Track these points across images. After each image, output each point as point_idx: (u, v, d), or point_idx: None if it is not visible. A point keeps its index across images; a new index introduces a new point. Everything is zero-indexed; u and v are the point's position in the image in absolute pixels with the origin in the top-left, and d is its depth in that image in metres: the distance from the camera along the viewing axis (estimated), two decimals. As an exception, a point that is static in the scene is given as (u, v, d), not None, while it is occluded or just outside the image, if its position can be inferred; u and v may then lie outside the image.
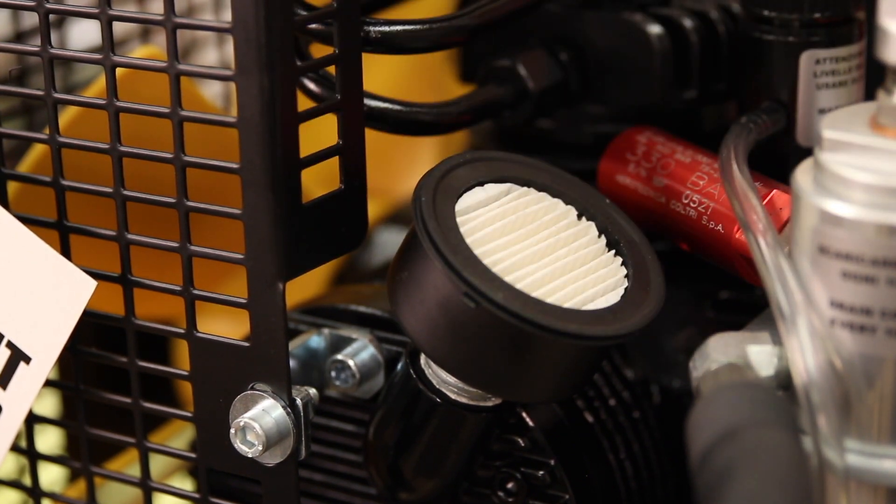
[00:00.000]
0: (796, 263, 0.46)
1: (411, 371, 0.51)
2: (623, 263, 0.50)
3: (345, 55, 0.50)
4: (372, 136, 0.53)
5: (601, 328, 0.48)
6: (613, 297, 0.49)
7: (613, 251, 0.51)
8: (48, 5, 0.51)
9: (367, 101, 0.53)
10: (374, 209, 0.58)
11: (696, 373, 0.47)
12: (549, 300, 0.47)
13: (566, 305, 0.48)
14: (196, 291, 0.51)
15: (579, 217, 0.51)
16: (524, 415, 0.53)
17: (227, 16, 0.47)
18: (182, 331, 0.52)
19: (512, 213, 0.50)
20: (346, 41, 0.50)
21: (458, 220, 0.49)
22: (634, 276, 0.50)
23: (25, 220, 0.53)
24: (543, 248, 0.49)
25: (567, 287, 0.48)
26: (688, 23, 0.58)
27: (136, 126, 0.52)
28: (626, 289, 0.49)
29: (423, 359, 0.51)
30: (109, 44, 0.51)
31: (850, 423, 0.45)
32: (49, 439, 0.74)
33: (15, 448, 0.58)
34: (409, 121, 0.55)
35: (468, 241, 0.48)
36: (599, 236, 0.51)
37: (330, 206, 0.50)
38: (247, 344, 0.50)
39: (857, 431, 0.45)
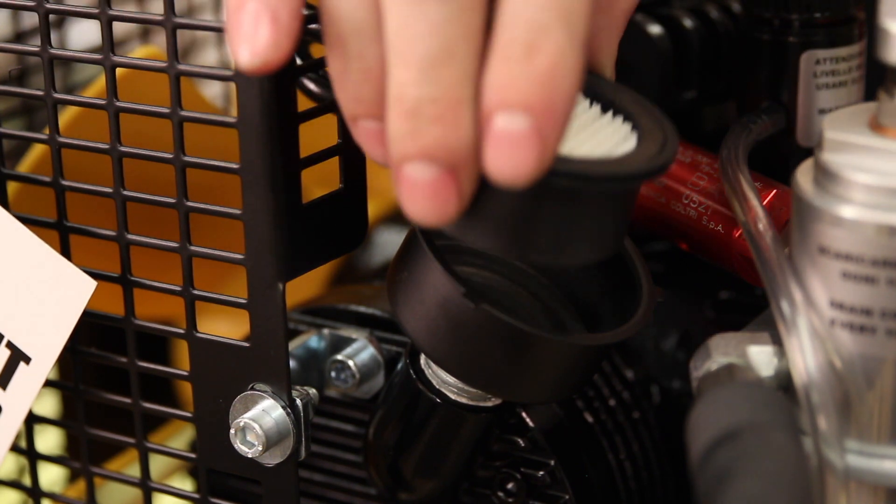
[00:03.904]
0: (796, 264, 0.46)
1: (411, 371, 0.51)
2: (624, 119, 0.47)
3: (345, 55, 0.50)
4: (372, 136, 0.53)
5: (635, 166, 0.46)
6: (630, 145, 0.46)
7: (610, 112, 0.48)
8: (48, 5, 0.51)
9: (367, 101, 0.53)
10: (374, 209, 0.58)
11: (696, 373, 0.47)
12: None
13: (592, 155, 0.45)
14: (196, 291, 0.51)
15: None
16: (524, 415, 0.53)
17: (227, 16, 0.47)
18: (182, 331, 0.52)
19: None
20: (346, 41, 0.50)
21: None
22: (640, 125, 0.47)
23: (25, 221, 0.53)
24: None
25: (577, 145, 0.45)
26: (688, 23, 0.58)
27: (137, 126, 0.52)
28: (638, 135, 0.46)
29: (422, 359, 0.51)
30: (109, 44, 0.51)
31: (850, 423, 0.45)
32: (49, 439, 0.74)
33: (15, 448, 0.58)
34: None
35: None
36: (591, 104, 0.48)
37: (330, 206, 0.50)
38: (247, 344, 0.50)
39: (857, 432, 0.45)
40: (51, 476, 0.75)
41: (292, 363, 0.53)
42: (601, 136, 0.46)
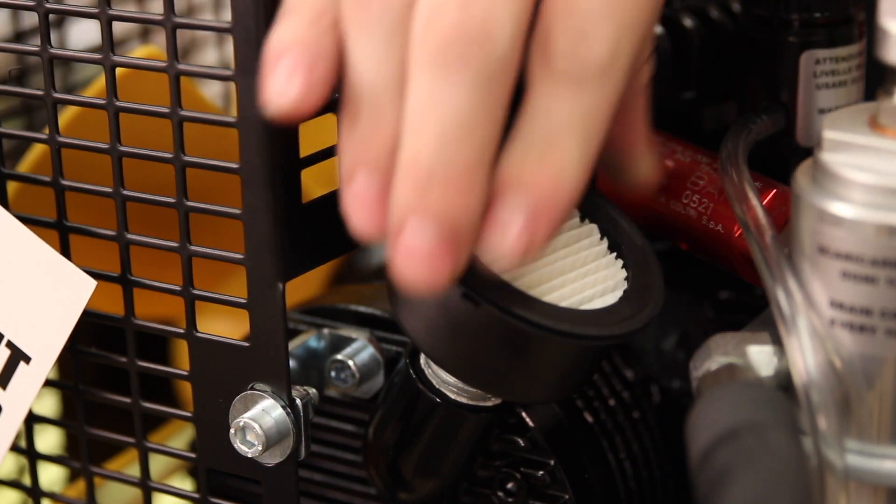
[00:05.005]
0: (796, 263, 0.46)
1: (411, 371, 0.51)
2: (624, 266, 0.50)
3: (345, 55, 0.50)
4: (372, 136, 0.53)
5: (600, 328, 0.48)
6: (612, 299, 0.49)
7: (615, 254, 0.51)
8: (48, 5, 0.51)
9: (367, 101, 0.53)
10: (373, 209, 0.58)
11: (696, 373, 0.47)
12: (546, 299, 0.47)
13: (563, 304, 0.48)
14: (196, 291, 0.51)
15: (582, 219, 0.51)
16: (524, 415, 0.53)
17: (227, 16, 0.47)
18: (182, 331, 0.52)
19: None
20: (345, 41, 0.50)
21: None
22: (634, 278, 0.50)
23: (25, 220, 0.53)
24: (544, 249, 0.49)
25: (565, 287, 0.48)
26: (688, 23, 0.58)
27: (137, 126, 0.52)
28: (625, 291, 0.49)
29: (422, 359, 0.51)
30: (109, 44, 0.51)
31: (849, 423, 0.45)
32: (49, 439, 0.74)
33: (15, 448, 0.58)
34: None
35: None
36: (601, 239, 0.51)
37: (330, 206, 0.50)
38: (246, 344, 0.50)
39: (856, 432, 0.45)
40: (51, 476, 0.75)
41: (292, 363, 0.53)
42: (590, 279, 0.49)
